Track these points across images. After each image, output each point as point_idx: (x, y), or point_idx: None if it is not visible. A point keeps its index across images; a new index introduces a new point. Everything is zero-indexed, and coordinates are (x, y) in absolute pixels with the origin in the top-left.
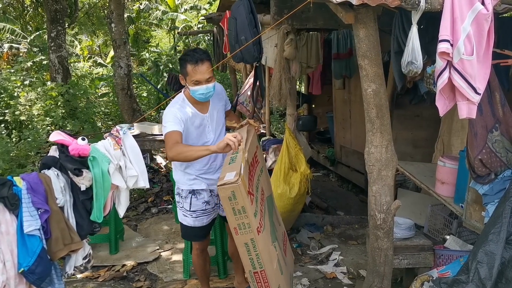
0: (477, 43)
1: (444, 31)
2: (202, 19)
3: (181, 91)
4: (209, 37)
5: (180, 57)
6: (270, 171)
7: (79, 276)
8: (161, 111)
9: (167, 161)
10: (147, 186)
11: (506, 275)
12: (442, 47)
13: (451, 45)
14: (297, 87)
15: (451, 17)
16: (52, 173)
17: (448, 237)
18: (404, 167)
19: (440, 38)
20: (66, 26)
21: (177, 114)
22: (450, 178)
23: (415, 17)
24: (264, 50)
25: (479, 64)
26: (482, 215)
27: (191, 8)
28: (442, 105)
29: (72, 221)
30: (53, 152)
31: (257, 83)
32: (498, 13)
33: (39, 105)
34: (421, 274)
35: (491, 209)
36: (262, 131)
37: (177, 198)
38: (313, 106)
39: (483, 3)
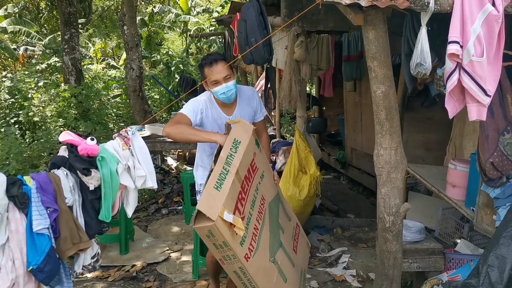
0: (487, 44)
1: (454, 33)
2: (214, 22)
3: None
4: (220, 39)
5: (198, 64)
6: (280, 173)
7: (89, 275)
8: (172, 112)
9: (178, 163)
10: (155, 186)
11: None
12: (451, 48)
13: (461, 46)
14: (308, 89)
15: (460, 19)
16: (61, 172)
17: (459, 241)
18: (415, 170)
19: (449, 40)
20: (80, 28)
21: (199, 106)
22: (461, 181)
23: (424, 19)
24: (274, 52)
25: (490, 66)
26: (494, 218)
27: (204, 11)
28: (451, 107)
29: (81, 221)
30: (63, 152)
31: (269, 85)
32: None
33: (52, 106)
34: (431, 278)
35: (503, 213)
36: (272, 133)
37: (197, 196)
38: (324, 108)
39: (493, 4)
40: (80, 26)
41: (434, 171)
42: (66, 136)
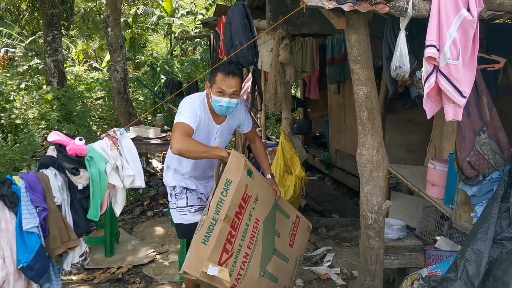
0: (462, 48)
1: (431, 37)
2: (199, 24)
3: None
4: (205, 42)
5: (218, 66)
6: None
7: (74, 278)
8: (157, 114)
9: (163, 165)
10: (143, 185)
11: (493, 273)
12: (428, 52)
13: (438, 50)
14: (293, 91)
15: (437, 23)
16: (50, 172)
17: (438, 238)
18: (397, 170)
19: (427, 44)
20: (62, 29)
21: (197, 111)
22: (441, 180)
23: (403, 23)
24: (260, 55)
25: (465, 69)
26: (471, 216)
27: (188, 13)
28: (429, 108)
29: (69, 219)
30: (51, 152)
31: (255, 87)
32: (488, 19)
33: (35, 108)
34: (411, 273)
35: (480, 210)
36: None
37: (170, 199)
38: (309, 110)
39: (468, 10)
40: (62, 27)
41: (415, 171)
42: (55, 136)
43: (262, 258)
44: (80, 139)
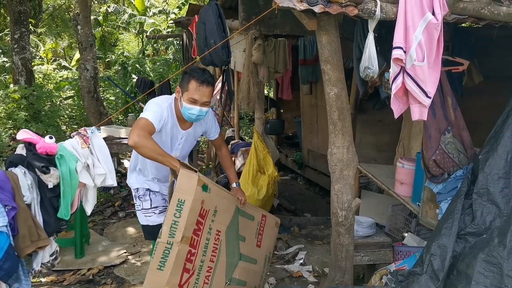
0: (428, 50)
1: (398, 39)
2: (171, 23)
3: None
4: (178, 42)
5: (187, 71)
6: (239, 173)
7: (43, 280)
8: (129, 114)
9: None
10: (115, 184)
11: (457, 267)
12: (396, 53)
13: (404, 52)
14: (266, 92)
15: (404, 26)
16: (19, 171)
17: (406, 234)
18: (367, 169)
19: (394, 45)
20: (30, 27)
21: (163, 113)
22: (408, 179)
23: (372, 25)
24: (232, 55)
25: (430, 70)
26: (437, 212)
27: (160, 12)
28: (396, 108)
29: (39, 218)
30: (20, 150)
31: (226, 87)
32: (453, 22)
33: (1, 108)
34: (380, 269)
35: (445, 207)
36: (230, 134)
37: (135, 201)
38: (282, 111)
39: (433, 13)
40: (30, 25)
41: (385, 170)
42: (24, 134)
43: (227, 267)
44: (50, 137)
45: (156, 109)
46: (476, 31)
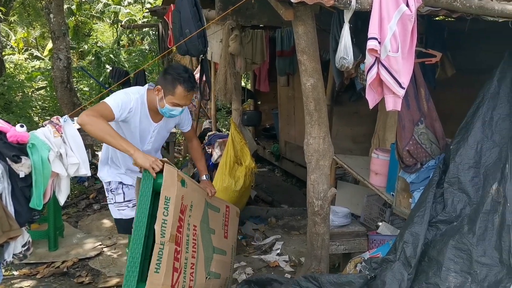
0: (402, 41)
1: (373, 30)
2: (147, 13)
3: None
4: (154, 32)
5: (172, 73)
6: (216, 165)
7: (15, 273)
8: None
9: None
10: (89, 174)
11: (428, 254)
12: (370, 44)
13: (379, 42)
14: (243, 84)
15: (379, 17)
16: None
17: (380, 224)
18: (343, 160)
19: (369, 36)
20: (1, 16)
21: (130, 103)
22: (383, 169)
23: (347, 16)
24: (209, 45)
25: (404, 61)
26: (410, 201)
27: (135, 1)
28: (371, 98)
29: (11, 208)
30: None
31: (204, 77)
32: (427, 15)
33: None
34: (355, 257)
35: (417, 196)
36: (207, 126)
37: (107, 195)
38: (259, 102)
39: (407, 5)
40: (0, 13)
41: (360, 161)
42: None
43: (205, 261)
44: (22, 126)
45: (121, 97)
46: (449, 24)
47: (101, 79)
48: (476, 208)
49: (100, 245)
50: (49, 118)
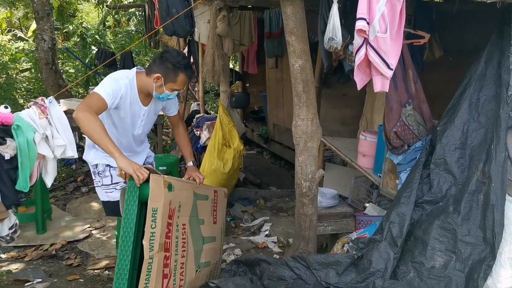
0: (390, 22)
1: (361, 10)
2: None
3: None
4: (140, 12)
5: (173, 61)
6: (205, 147)
7: (3, 256)
8: (90, 87)
9: None
10: (76, 156)
11: (414, 233)
12: (359, 24)
13: (368, 23)
14: (231, 66)
15: None
16: None
17: (367, 205)
18: (331, 142)
19: (358, 17)
20: None
21: (120, 90)
22: (370, 151)
23: None
24: (197, 26)
25: (392, 42)
26: (397, 183)
27: None
28: (359, 80)
29: None
30: None
31: (191, 59)
32: None
33: None
34: (342, 237)
35: (404, 177)
36: (195, 108)
37: (94, 177)
38: (247, 85)
39: None
40: None
41: (348, 143)
42: None
43: (195, 256)
44: (6, 107)
45: (112, 85)
46: (438, 5)
47: (87, 61)
48: (461, 188)
49: (88, 227)
50: (34, 100)
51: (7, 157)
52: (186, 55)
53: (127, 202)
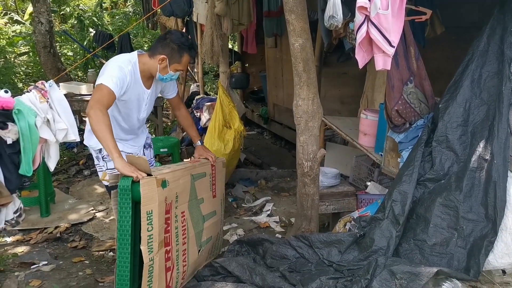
0: None
1: None
2: None
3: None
4: None
5: (178, 42)
6: (205, 128)
7: (9, 239)
8: (89, 70)
9: None
10: (78, 139)
11: (416, 211)
12: (360, 1)
13: (369, 0)
14: (230, 46)
15: None
16: None
17: (369, 183)
18: (332, 121)
19: None
20: None
21: (126, 78)
22: (372, 130)
23: None
24: (195, 7)
25: (393, 19)
26: (398, 161)
27: None
28: (361, 58)
29: (0, 175)
30: None
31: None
32: None
33: None
34: (344, 216)
35: (406, 155)
36: (195, 90)
37: (97, 162)
38: (247, 65)
39: None
40: None
41: (349, 122)
42: None
43: (196, 238)
44: (6, 91)
45: (118, 75)
46: None
47: (85, 43)
48: (463, 165)
49: (92, 210)
50: (33, 84)
51: (9, 141)
52: None
53: (120, 204)
